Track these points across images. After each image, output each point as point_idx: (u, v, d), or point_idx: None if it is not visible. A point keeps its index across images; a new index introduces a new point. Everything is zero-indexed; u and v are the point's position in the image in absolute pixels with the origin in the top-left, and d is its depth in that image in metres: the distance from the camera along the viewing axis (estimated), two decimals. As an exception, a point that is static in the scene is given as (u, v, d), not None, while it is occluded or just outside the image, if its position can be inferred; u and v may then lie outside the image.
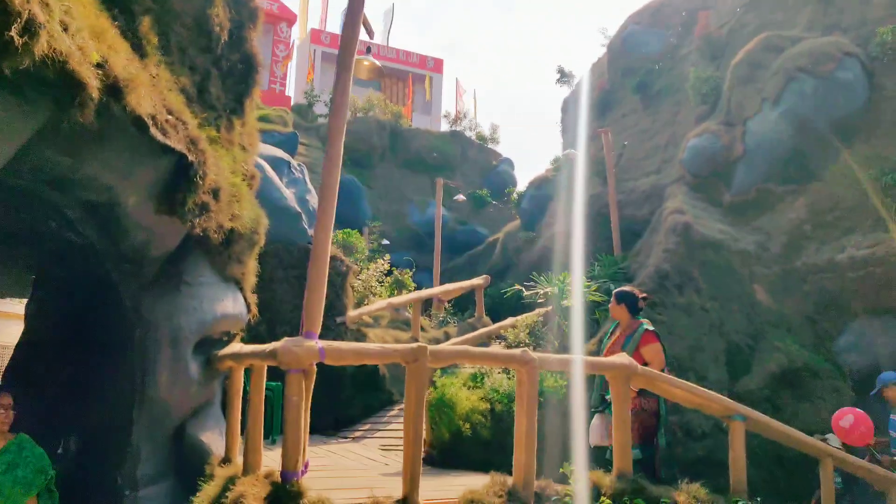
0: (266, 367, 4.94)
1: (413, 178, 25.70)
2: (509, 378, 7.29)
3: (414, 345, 4.30)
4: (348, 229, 14.24)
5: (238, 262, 5.85)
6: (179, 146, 4.23)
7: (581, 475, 4.67)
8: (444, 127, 31.02)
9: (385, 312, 11.09)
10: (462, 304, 16.14)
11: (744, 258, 10.90)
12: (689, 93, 13.85)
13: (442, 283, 16.32)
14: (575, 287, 9.73)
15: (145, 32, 4.83)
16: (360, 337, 9.92)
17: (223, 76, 6.09)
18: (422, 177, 25.68)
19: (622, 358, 5.09)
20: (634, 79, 16.51)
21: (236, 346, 5.52)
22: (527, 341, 8.54)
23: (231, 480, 4.44)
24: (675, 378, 5.66)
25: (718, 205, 12.22)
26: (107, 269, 5.13)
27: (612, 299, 5.87)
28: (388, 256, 13.54)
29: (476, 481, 4.55)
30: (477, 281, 12.93)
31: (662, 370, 5.53)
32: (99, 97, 3.33)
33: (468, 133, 29.42)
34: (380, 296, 11.52)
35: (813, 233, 11.24)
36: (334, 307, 9.59)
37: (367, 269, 11.80)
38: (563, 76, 20.15)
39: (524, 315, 9.64)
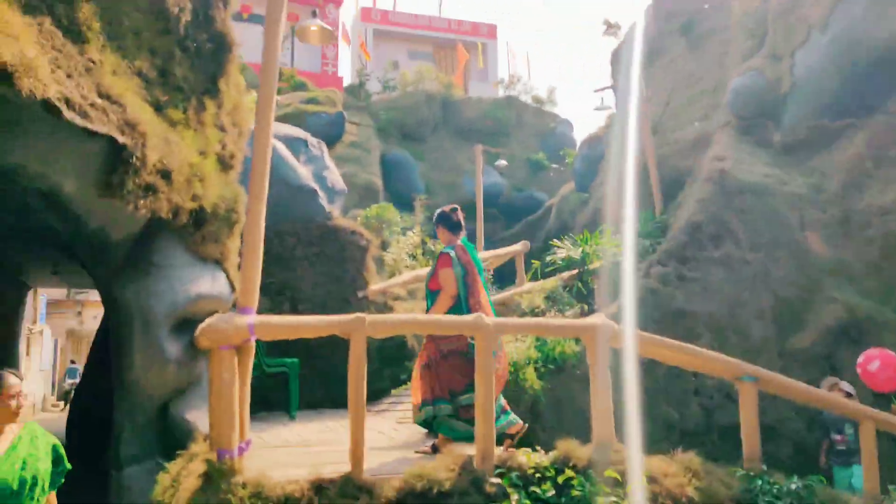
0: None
1: (466, 148, 25.26)
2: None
3: (351, 316, 4.14)
4: (384, 203, 14.18)
5: (214, 242, 5.86)
6: (105, 129, 4.21)
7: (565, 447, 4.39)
8: (502, 93, 30.38)
9: (417, 285, 10.99)
10: (509, 274, 15.87)
11: (793, 202, 10.03)
12: (736, 30, 12.81)
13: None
14: (625, 245, 9.26)
15: (85, 18, 4.82)
16: (386, 310, 9.87)
17: (190, 57, 6.05)
18: (475, 146, 25.29)
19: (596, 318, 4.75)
20: (680, 20, 15.48)
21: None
22: (543, 307, 8.20)
23: (192, 458, 4.46)
24: (667, 339, 5.23)
25: (768, 147, 11.28)
26: (81, 256, 5.26)
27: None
28: (418, 228, 13.38)
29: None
30: (516, 247, 12.56)
31: (456, 296, 4.96)
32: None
33: (523, 97, 28.68)
34: (412, 269, 11.42)
35: (875, 171, 10.20)
36: (355, 282, 9.58)
37: (398, 242, 11.70)
38: (610, 27, 19.15)
39: (542, 281, 9.27)
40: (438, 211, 5.52)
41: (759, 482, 4.57)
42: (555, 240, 10.61)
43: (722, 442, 8.29)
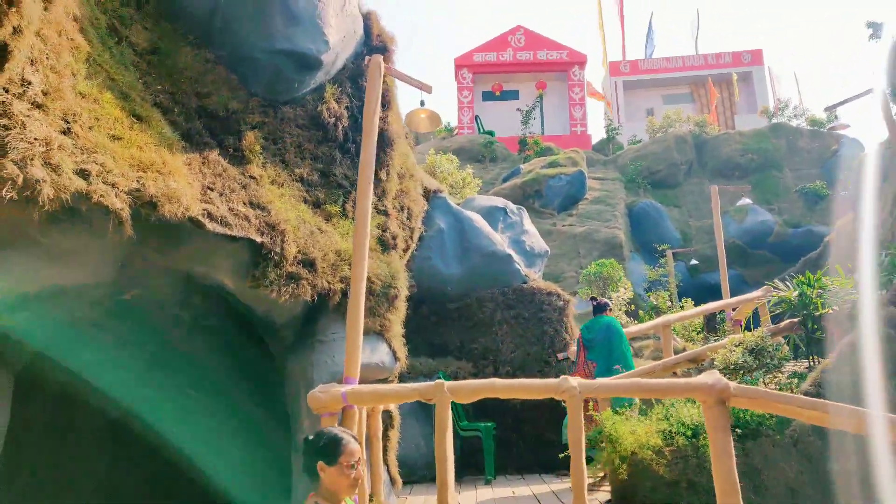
0: (378, 410, 5.44)
1: (726, 188, 23.45)
2: (694, 406, 6.36)
3: (431, 383, 4.35)
4: (602, 260, 13.85)
5: (373, 316, 6.52)
6: (243, 233, 5.16)
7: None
8: (769, 122, 27.65)
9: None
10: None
11: None
12: None
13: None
14: (862, 284, 7.85)
15: (248, 144, 6.01)
16: (592, 370, 9.62)
17: (350, 156, 6.99)
18: (736, 184, 23.26)
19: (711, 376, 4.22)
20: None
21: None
22: (744, 362, 7.17)
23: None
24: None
25: None
26: (264, 338, 6.34)
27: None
28: (629, 284, 12.74)
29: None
30: (756, 294, 11.26)
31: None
32: (131, 214, 4.42)
33: (794, 122, 25.70)
34: (630, 326, 10.95)
35: None
36: (554, 343, 9.56)
37: (609, 299, 11.34)
38: (876, 30, 16.44)
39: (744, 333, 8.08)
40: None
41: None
42: (775, 280, 9.31)
43: None
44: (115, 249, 4.77)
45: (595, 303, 7.61)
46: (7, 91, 3.78)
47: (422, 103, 6.54)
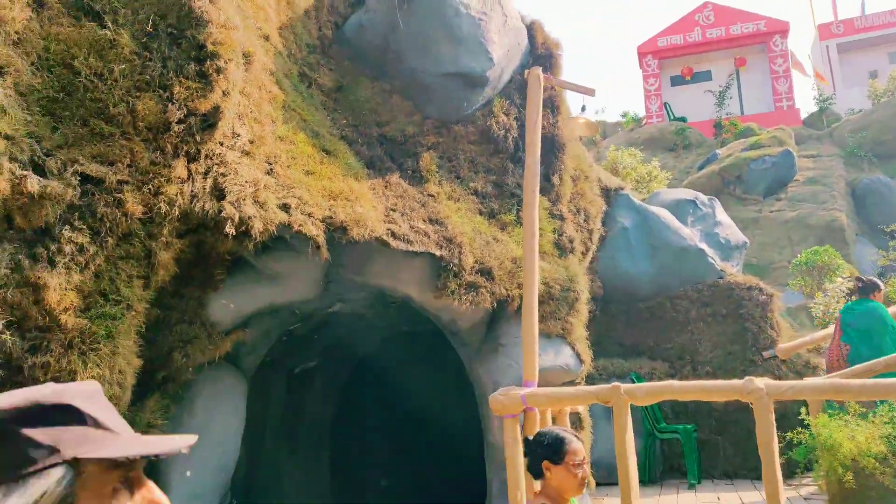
0: (565, 413, 5.54)
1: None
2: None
3: (608, 385, 4.36)
4: (816, 248, 12.39)
5: (554, 319, 6.63)
6: (423, 248, 5.57)
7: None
8: None
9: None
10: None
11: None
12: None
13: None
14: None
15: (425, 164, 6.46)
16: (807, 371, 8.76)
17: (522, 166, 7.17)
18: None
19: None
20: None
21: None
22: None
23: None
24: None
25: None
26: (452, 344, 6.75)
27: None
28: (853, 272, 11.21)
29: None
30: None
31: None
32: (326, 238, 5.01)
33: None
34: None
35: None
36: (758, 341, 8.88)
37: (824, 292, 10.17)
38: None
39: None
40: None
41: None
42: None
43: None
44: (316, 270, 5.42)
45: (861, 284, 6.86)
46: (222, 144, 4.52)
47: (582, 108, 6.55)
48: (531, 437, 2.59)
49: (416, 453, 9.90)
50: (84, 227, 3.84)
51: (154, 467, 4.68)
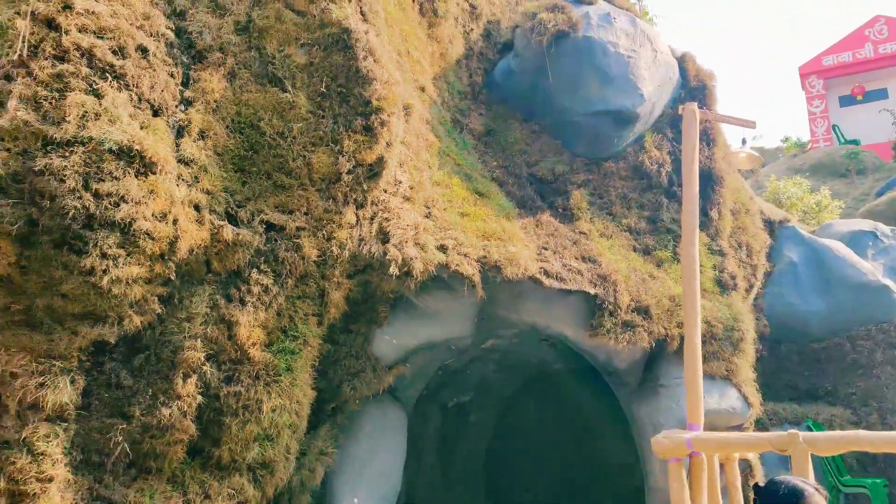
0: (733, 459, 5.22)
1: None
2: None
3: (784, 433, 4.07)
4: None
5: (717, 360, 6.29)
6: (577, 286, 5.55)
7: None
8: None
9: None
10: None
11: None
12: None
13: None
14: None
15: (576, 203, 6.48)
16: None
17: (678, 201, 6.95)
18: None
19: None
20: None
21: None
22: None
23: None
24: None
25: None
26: (608, 382, 6.61)
27: None
28: None
29: None
30: None
31: None
32: (481, 278, 5.16)
33: None
34: None
35: None
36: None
37: None
38: None
39: None
40: None
41: None
42: None
43: None
44: (472, 308, 5.58)
45: None
46: (386, 191, 4.84)
47: (743, 141, 6.25)
48: (760, 485, 2.30)
49: (571, 489, 9.68)
50: (268, 269, 4.26)
51: (323, 493, 4.99)
